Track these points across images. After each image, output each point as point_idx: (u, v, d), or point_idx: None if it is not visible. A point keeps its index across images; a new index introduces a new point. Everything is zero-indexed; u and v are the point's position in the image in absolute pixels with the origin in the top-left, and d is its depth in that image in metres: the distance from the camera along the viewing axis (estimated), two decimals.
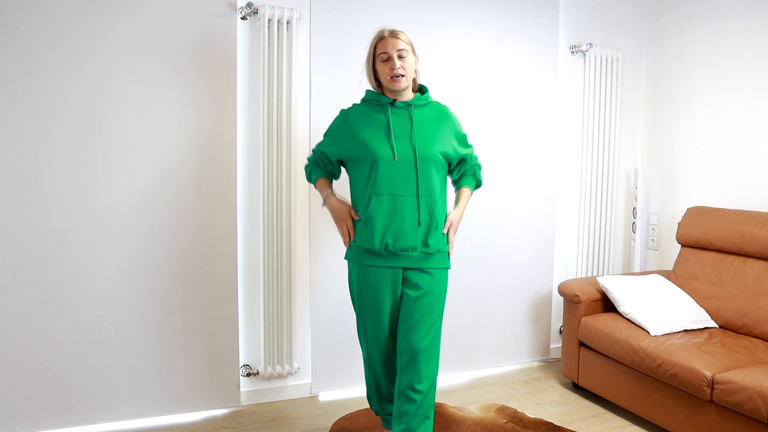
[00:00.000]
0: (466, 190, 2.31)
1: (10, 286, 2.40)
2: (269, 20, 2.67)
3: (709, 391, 2.28)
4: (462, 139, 2.28)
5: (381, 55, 2.13)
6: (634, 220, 3.60)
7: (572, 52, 3.44)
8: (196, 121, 2.63)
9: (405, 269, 2.14)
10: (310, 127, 2.85)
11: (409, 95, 2.21)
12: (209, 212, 2.69)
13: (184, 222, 2.65)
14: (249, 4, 2.65)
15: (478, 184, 2.36)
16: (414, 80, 2.23)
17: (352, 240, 2.21)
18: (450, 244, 2.22)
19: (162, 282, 2.63)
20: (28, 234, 2.41)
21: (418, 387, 2.12)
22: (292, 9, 2.70)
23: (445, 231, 2.19)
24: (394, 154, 2.10)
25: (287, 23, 2.71)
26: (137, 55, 2.51)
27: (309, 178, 2.37)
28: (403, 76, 2.12)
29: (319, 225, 2.90)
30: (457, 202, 2.29)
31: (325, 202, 2.30)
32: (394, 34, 2.13)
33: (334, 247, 2.94)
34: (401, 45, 2.12)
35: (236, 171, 2.73)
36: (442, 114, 2.24)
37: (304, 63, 2.83)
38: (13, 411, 2.43)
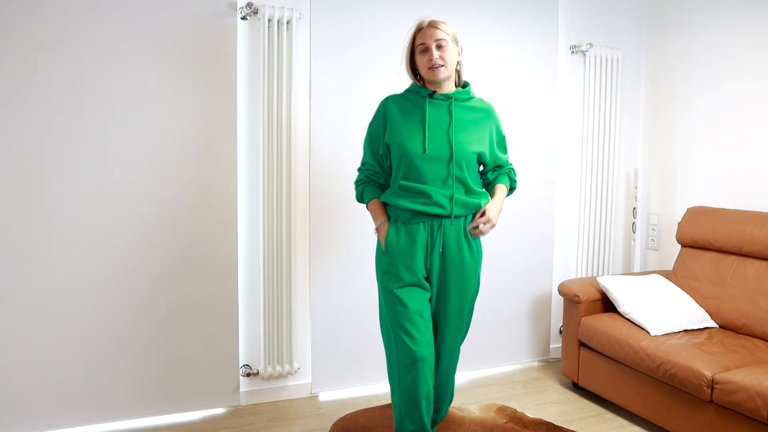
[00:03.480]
0: (502, 186, 2.21)
1: (9, 285, 2.40)
2: (269, 20, 2.67)
3: (709, 391, 2.28)
4: (501, 142, 2.22)
5: (419, 46, 2.06)
6: (634, 220, 3.60)
7: (572, 52, 3.44)
8: (197, 121, 2.63)
9: None
10: (310, 127, 2.85)
11: (450, 88, 2.13)
12: (209, 212, 2.69)
13: (184, 222, 2.65)
14: (249, 4, 2.65)
15: (512, 186, 2.29)
16: (459, 73, 2.15)
17: None
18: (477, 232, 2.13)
19: (162, 282, 2.63)
20: (28, 234, 2.41)
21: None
22: (292, 9, 2.70)
23: (477, 222, 2.10)
24: (424, 147, 2.04)
25: (287, 23, 2.71)
26: (137, 55, 2.51)
27: (360, 199, 2.24)
28: (442, 66, 2.03)
29: (319, 225, 2.90)
30: (492, 196, 2.20)
31: (378, 230, 2.16)
32: (433, 24, 2.05)
33: (334, 247, 2.94)
34: (440, 35, 2.03)
35: (236, 171, 2.73)
36: (485, 112, 2.16)
37: (304, 63, 2.83)
38: (13, 411, 2.43)
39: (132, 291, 2.58)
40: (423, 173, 2.05)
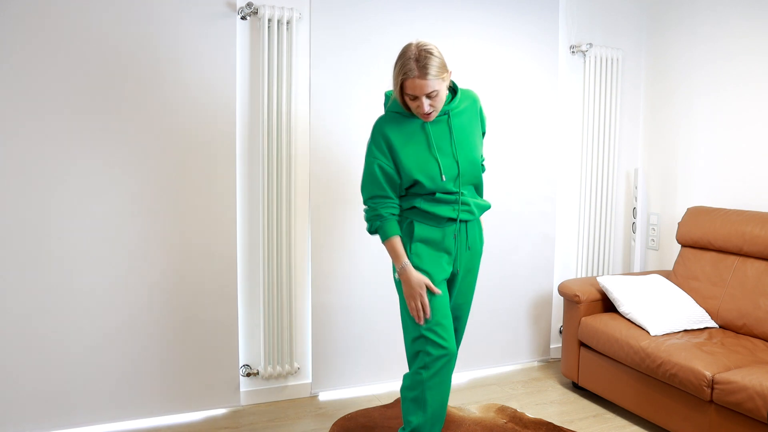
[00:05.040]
0: None
1: (10, 286, 2.40)
2: (269, 20, 2.67)
3: (709, 391, 2.28)
4: (485, 130, 2.25)
5: (407, 94, 1.93)
6: (634, 220, 3.60)
7: (572, 52, 3.44)
8: (196, 121, 2.63)
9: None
10: (310, 127, 2.85)
11: None
12: (209, 212, 2.69)
13: (184, 222, 2.65)
14: (249, 4, 2.65)
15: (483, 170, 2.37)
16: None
17: (426, 318, 2.01)
18: None
19: (162, 282, 2.63)
20: (28, 234, 2.41)
21: None
22: (292, 9, 2.70)
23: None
24: (441, 174, 2.03)
25: (287, 23, 2.71)
26: (137, 55, 2.51)
27: (372, 230, 2.11)
28: (433, 112, 1.97)
29: (319, 224, 2.90)
30: None
31: (399, 273, 2.04)
32: (423, 73, 1.87)
33: (334, 247, 2.94)
34: (430, 87, 1.89)
35: (236, 171, 2.73)
36: (471, 105, 2.14)
37: (304, 63, 2.83)
38: (13, 411, 2.43)
39: (132, 291, 2.58)
40: (446, 189, 2.08)
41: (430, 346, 2.02)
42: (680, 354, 2.42)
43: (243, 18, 2.69)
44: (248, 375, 2.83)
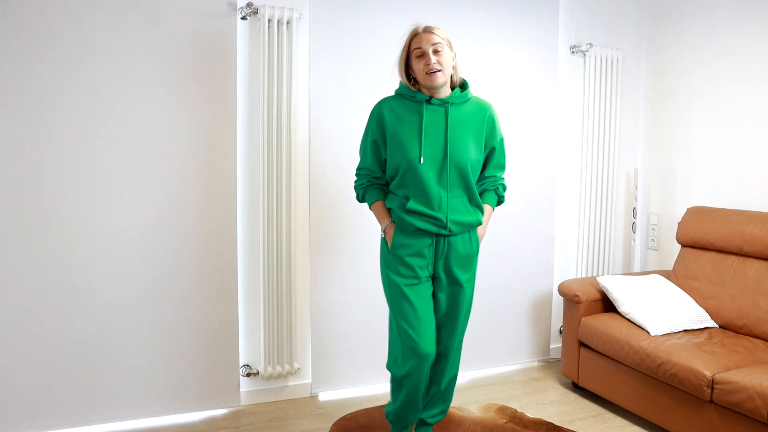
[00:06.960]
0: (487, 207, 2.23)
1: (10, 286, 2.40)
2: (269, 20, 2.67)
3: (709, 391, 2.28)
4: (499, 146, 2.21)
5: (415, 50, 2.06)
6: (634, 220, 3.60)
7: (572, 52, 3.44)
8: (196, 121, 2.64)
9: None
10: (309, 127, 2.85)
11: (446, 92, 2.13)
12: (209, 212, 2.69)
13: (184, 222, 2.65)
14: (249, 4, 2.65)
15: (500, 202, 2.29)
16: (452, 77, 2.14)
17: None
18: None
19: (162, 282, 2.63)
20: (29, 234, 2.41)
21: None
22: (292, 9, 2.70)
23: None
24: (420, 156, 2.05)
25: (287, 23, 2.71)
26: (137, 55, 2.51)
27: (360, 199, 2.27)
28: (439, 71, 2.04)
29: (319, 224, 2.90)
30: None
31: (384, 233, 2.19)
32: (428, 29, 2.06)
33: (334, 247, 2.94)
34: (436, 39, 2.04)
35: (236, 171, 2.73)
36: (481, 112, 2.16)
37: (304, 63, 2.83)
38: (13, 411, 2.43)
39: (132, 291, 2.58)
40: (425, 183, 2.06)
41: (403, 343, 2.13)
42: (680, 354, 2.42)
43: (243, 18, 2.69)
44: (248, 375, 2.83)
